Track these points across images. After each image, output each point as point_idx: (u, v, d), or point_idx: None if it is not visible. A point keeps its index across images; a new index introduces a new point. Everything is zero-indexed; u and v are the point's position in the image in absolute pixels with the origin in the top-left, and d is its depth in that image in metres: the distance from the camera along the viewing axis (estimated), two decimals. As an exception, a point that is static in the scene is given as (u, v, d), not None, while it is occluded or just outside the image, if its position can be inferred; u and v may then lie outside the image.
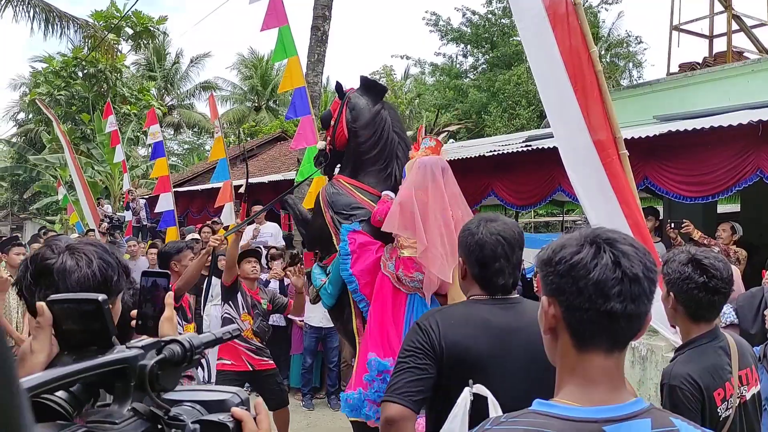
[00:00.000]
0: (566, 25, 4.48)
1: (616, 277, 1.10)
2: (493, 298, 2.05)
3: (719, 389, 2.19)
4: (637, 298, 1.11)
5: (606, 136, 4.46)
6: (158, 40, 27.80)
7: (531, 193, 7.66)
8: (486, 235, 2.02)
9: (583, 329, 1.14)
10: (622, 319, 1.11)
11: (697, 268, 2.21)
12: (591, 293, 1.10)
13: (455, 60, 30.82)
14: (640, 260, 1.12)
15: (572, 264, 1.12)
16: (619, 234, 1.18)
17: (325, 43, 10.75)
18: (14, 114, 26.87)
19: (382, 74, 32.13)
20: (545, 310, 1.19)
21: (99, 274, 1.48)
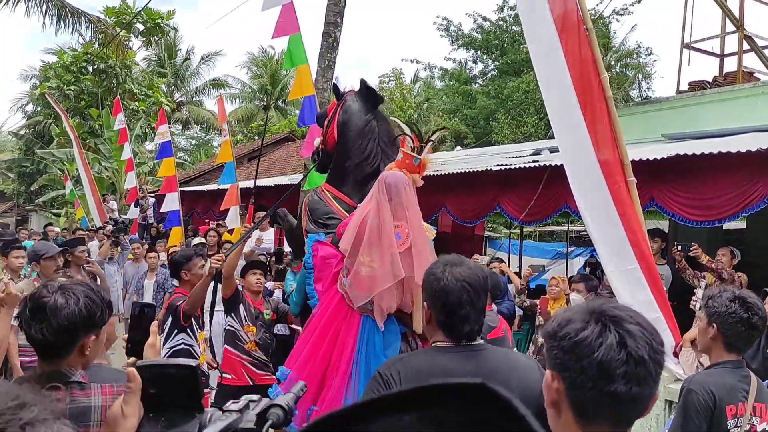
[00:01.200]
0: (578, 50, 4.50)
1: (620, 358, 1.08)
2: (457, 346, 2.01)
3: (732, 405, 2.53)
4: (642, 381, 1.10)
5: (614, 160, 4.47)
6: (169, 36, 27.86)
7: (537, 209, 7.65)
8: (451, 281, 1.98)
9: (586, 407, 1.13)
10: (626, 400, 1.10)
11: (743, 305, 2.54)
12: (595, 373, 1.09)
13: (465, 65, 30.84)
14: (647, 341, 1.11)
15: (577, 342, 1.11)
16: (627, 311, 1.16)
17: (336, 50, 10.76)
18: (23, 105, 26.98)
19: (392, 77, 32.17)
20: (548, 384, 1.18)
21: (85, 311, 1.76)
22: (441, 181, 9.02)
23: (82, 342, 1.79)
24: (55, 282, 1.85)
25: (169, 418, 1.07)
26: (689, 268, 6.27)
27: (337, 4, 10.73)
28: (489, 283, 2.12)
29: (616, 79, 26.38)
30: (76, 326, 1.75)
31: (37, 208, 26.32)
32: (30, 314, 1.78)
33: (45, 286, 1.84)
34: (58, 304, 1.75)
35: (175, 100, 31.48)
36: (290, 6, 7.70)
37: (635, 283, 4.39)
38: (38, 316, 1.76)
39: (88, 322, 1.78)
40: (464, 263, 2.07)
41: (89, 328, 1.79)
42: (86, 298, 1.79)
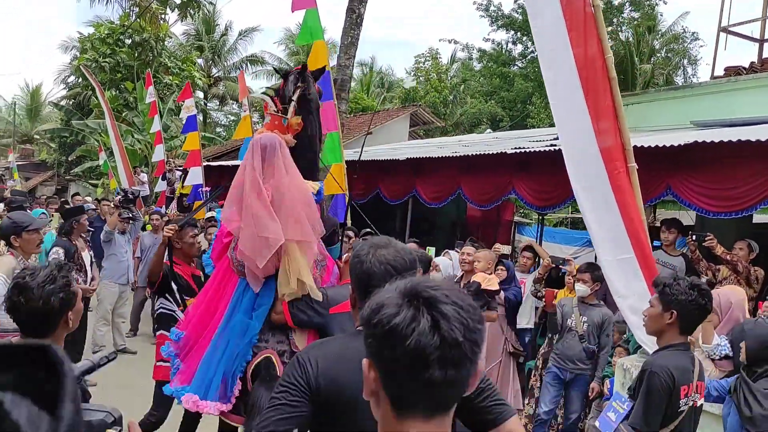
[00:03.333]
0: (582, 27, 4.30)
1: (434, 343, 1.01)
2: None
3: (684, 386, 2.77)
4: (458, 363, 1.03)
5: (615, 147, 4.28)
6: (207, 11, 28.01)
7: (551, 194, 7.46)
8: (375, 264, 1.89)
9: (402, 396, 1.06)
10: (443, 385, 1.03)
11: (700, 293, 2.78)
12: (409, 361, 1.01)
13: (504, 47, 30.30)
14: (462, 322, 1.03)
15: (389, 329, 1.03)
16: (443, 290, 1.07)
17: (360, 26, 10.64)
18: (65, 77, 27.56)
19: (428, 57, 31.79)
20: (366, 374, 1.11)
21: None
22: (457, 163, 8.88)
23: None
24: None
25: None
26: (703, 260, 6.03)
27: (362, -20, 10.59)
28: (417, 266, 2.00)
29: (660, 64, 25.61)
30: None
31: (75, 178, 26.94)
32: None
33: None
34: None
35: (212, 75, 31.73)
36: (308, -21, 7.60)
37: (631, 273, 4.22)
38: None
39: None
40: (391, 245, 1.97)
41: None
42: None
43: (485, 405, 1.87)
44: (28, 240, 4.36)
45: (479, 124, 28.90)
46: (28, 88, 40.96)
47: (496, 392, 1.91)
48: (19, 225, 4.34)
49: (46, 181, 30.91)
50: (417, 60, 32.35)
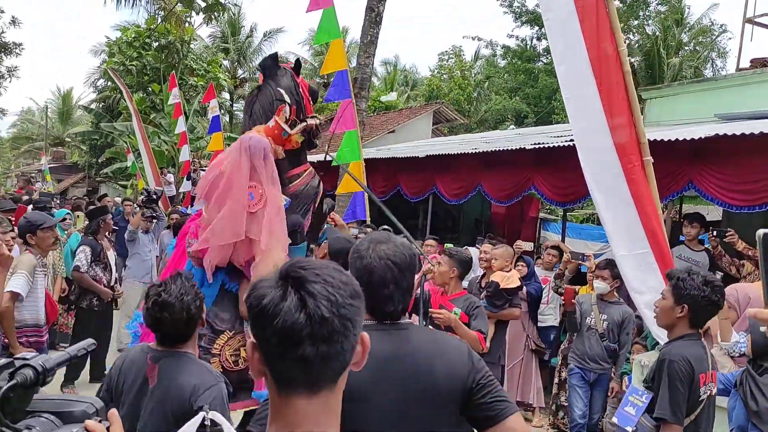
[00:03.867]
0: (595, 19, 4.25)
1: (301, 320, 1.04)
2: (379, 323, 1.93)
3: (702, 374, 2.80)
4: (329, 339, 1.05)
5: (629, 140, 4.23)
6: (232, 13, 28.27)
7: (571, 189, 7.39)
8: (375, 259, 1.91)
9: (281, 374, 1.08)
10: (317, 361, 1.06)
11: (713, 289, 2.81)
12: (279, 340, 1.04)
13: (528, 43, 30.06)
14: (329, 298, 1.06)
15: (260, 310, 1.06)
16: (315, 269, 1.10)
17: (379, 24, 10.64)
18: (95, 80, 28.06)
19: (451, 54, 31.66)
20: (250, 355, 1.12)
21: None
22: (477, 159, 8.85)
23: None
24: None
25: None
26: (725, 255, 5.93)
27: (381, -22, 10.58)
28: (416, 262, 2.01)
29: (689, 58, 25.16)
30: None
31: (106, 179, 27.41)
32: None
33: None
34: None
35: (238, 77, 32.02)
36: (324, -21, 7.62)
37: (647, 268, 4.16)
38: None
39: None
40: (390, 241, 1.98)
41: None
42: None
43: (486, 401, 1.87)
44: (43, 238, 4.63)
45: (504, 121, 28.72)
46: (59, 93, 41.83)
47: (497, 389, 1.91)
48: (33, 224, 4.63)
49: (78, 183, 31.52)
50: (440, 57, 32.26)
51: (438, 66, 32.38)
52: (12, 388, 1.01)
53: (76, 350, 1.22)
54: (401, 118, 19.62)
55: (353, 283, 1.14)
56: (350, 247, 2.23)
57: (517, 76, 29.65)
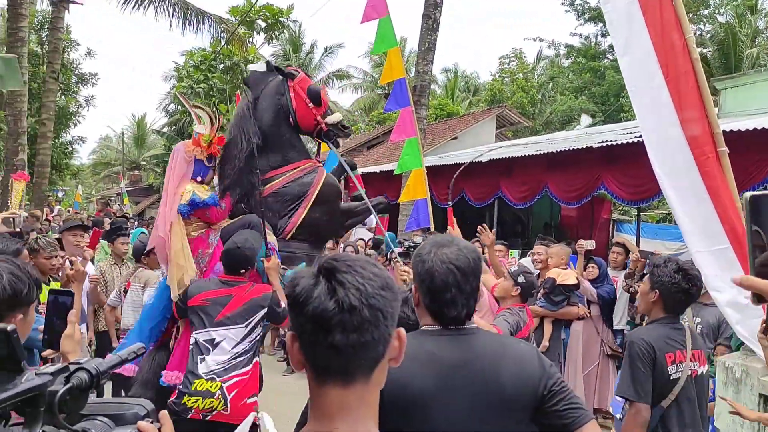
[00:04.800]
0: (658, 7, 4.06)
1: (332, 308, 1.07)
2: (444, 329, 1.88)
3: (669, 353, 2.90)
4: (359, 328, 1.08)
5: (702, 131, 3.99)
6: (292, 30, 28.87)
7: (643, 187, 7.11)
8: (436, 263, 1.86)
9: (316, 363, 1.12)
10: (349, 349, 1.08)
11: (685, 277, 2.93)
12: (312, 326, 1.09)
13: (593, 40, 29.36)
14: (358, 288, 1.09)
15: (294, 298, 1.11)
16: (347, 261, 1.14)
17: (436, 31, 10.59)
18: (166, 105, 29.23)
19: (512, 58, 31.26)
20: (290, 345, 1.16)
21: (9, 288, 1.63)
22: (542, 160, 8.65)
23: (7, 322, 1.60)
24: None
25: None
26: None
27: (436, -16, 10.54)
28: (481, 265, 1.94)
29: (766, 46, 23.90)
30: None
31: (179, 200, 28.41)
32: None
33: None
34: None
35: (301, 93, 32.57)
36: (379, -11, 7.63)
37: (727, 264, 3.90)
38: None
39: (12, 301, 1.64)
40: (453, 244, 1.93)
41: (14, 307, 1.65)
42: (10, 275, 1.66)
43: (559, 409, 1.81)
44: (153, 259, 5.26)
45: (570, 122, 28.09)
46: (134, 119, 43.77)
47: (571, 395, 1.84)
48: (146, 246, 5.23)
49: (153, 204, 32.83)
50: (501, 61, 31.91)
51: (499, 70, 32.03)
52: (69, 390, 1.04)
53: (127, 354, 1.24)
54: (463, 124, 19.48)
55: (385, 276, 1.15)
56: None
57: (583, 75, 28.99)
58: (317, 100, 4.43)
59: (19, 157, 12.77)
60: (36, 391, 1.01)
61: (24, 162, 12.98)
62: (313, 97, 4.41)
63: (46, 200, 16.90)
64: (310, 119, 4.44)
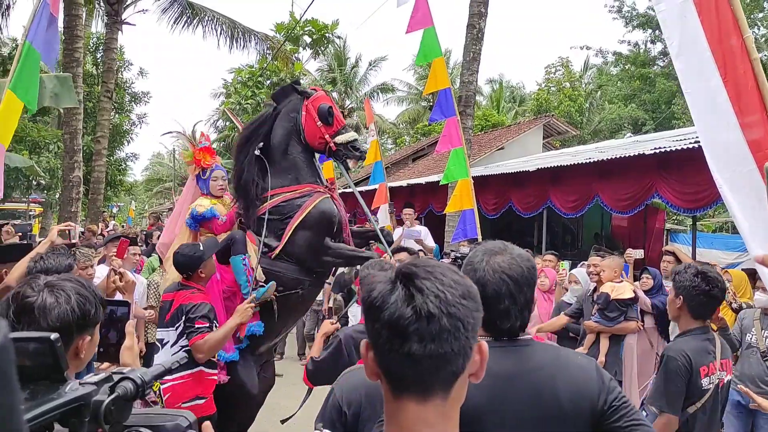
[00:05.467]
0: (714, 8, 3.92)
1: (410, 315, 1.02)
2: (496, 340, 1.79)
3: (704, 366, 2.95)
4: (437, 337, 1.02)
5: (763, 134, 3.82)
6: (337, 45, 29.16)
7: (700, 194, 6.86)
8: (488, 272, 1.77)
9: (392, 373, 1.06)
10: (425, 360, 1.02)
11: (704, 279, 2.98)
12: (388, 333, 1.03)
13: (642, 47, 28.75)
14: (438, 295, 1.03)
15: (370, 303, 1.07)
16: (427, 267, 1.08)
17: (481, 41, 10.52)
18: (215, 122, 29.87)
19: (558, 66, 30.85)
20: (364, 354, 1.11)
21: (78, 310, 1.56)
22: (592, 169, 8.45)
23: (75, 345, 1.57)
24: (39, 279, 1.62)
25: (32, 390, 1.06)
26: None
27: (481, -6, 10.48)
28: (535, 275, 1.86)
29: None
30: (69, 327, 1.53)
31: (227, 214, 28.92)
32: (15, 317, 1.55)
33: (29, 283, 1.61)
34: (47, 303, 1.54)
35: (346, 107, 32.87)
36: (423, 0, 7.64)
37: (794, 272, 3.71)
38: (24, 319, 1.54)
39: (81, 322, 1.57)
40: (506, 252, 1.84)
41: (83, 329, 1.59)
42: (78, 295, 1.58)
43: (621, 426, 1.71)
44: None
45: (620, 130, 27.54)
46: (185, 136, 44.81)
47: (633, 411, 1.75)
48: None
49: (204, 219, 33.52)
50: (547, 70, 31.53)
51: (545, 79, 31.65)
52: (114, 400, 1.02)
53: (170, 363, 1.22)
54: (509, 134, 19.28)
55: (467, 284, 1.10)
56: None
57: (632, 83, 28.40)
58: (326, 119, 4.38)
59: (75, 174, 13.15)
60: (80, 401, 1.00)
61: (80, 179, 13.35)
62: (322, 115, 4.37)
63: (101, 215, 17.36)
64: (318, 138, 4.40)
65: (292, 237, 4.26)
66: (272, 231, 4.30)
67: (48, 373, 1.05)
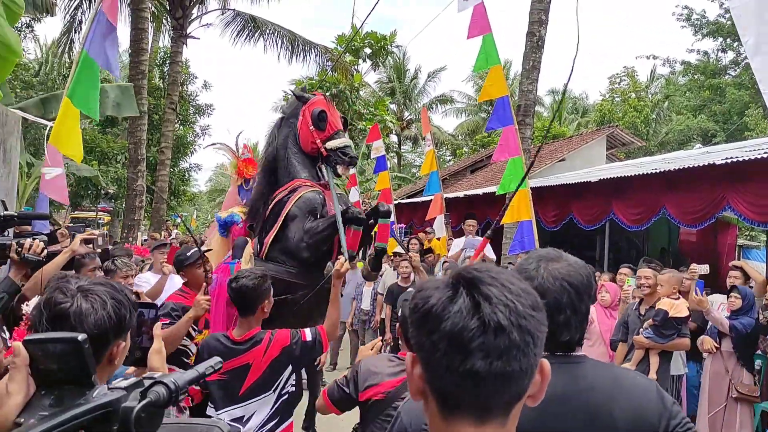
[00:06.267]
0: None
1: (474, 326, 0.88)
2: (551, 355, 1.63)
3: None
4: (505, 353, 0.89)
5: None
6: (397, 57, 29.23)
7: (777, 206, 6.42)
8: (548, 279, 1.63)
9: (446, 393, 0.93)
10: (489, 379, 0.89)
11: None
12: (446, 348, 0.90)
13: (712, 56, 27.67)
14: (508, 305, 0.90)
15: (424, 312, 0.92)
16: (491, 271, 0.95)
17: (541, 49, 10.25)
18: (276, 133, 30.40)
19: (623, 76, 30.03)
20: (410, 370, 0.98)
21: (114, 315, 1.50)
22: (659, 180, 8.07)
23: (109, 352, 1.51)
24: (70, 283, 1.55)
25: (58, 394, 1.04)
26: None
27: (541, 1, 10.25)
28: (593, 284, 1.71)
29: None
30: (105, 334, 1.48)
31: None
32: (48, 324, 1.49)
33: (60, 288, 1.54)
34: (83, 309, 1.48)
35: (405, 119, 32.88)
36: (481, 6, 7.48)
37: None
38: (59, 326, 1.47)
39: (118, 328, 1.52)
40: (563, 259, 1.71)
41: (119, 334, 1.53)
42: (113, 300, 1.52)
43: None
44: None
45: (688, 142, 26.52)
46: (247, 148, 45.82)
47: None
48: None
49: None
50: (612, 81, 30.74)
51: (609, 90, 30.85)
52: (145, 407, 0.95)
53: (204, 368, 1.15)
54: (571, 145, 18.80)
55: (534, 293, 0.97)
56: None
57: (701, 93, 27.35)
58: (318, 124, 4.39)
59: (138, 183, 13.54)
60: (108, 407, 0.94)
61: (143, 187, 13.74)
62: (314, 120, 4.38)
63: (164, 224, 17.81)
64: (310, 142, 4.42)
65: (281, 232, 4.23)
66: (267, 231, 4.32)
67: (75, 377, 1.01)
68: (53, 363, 1.05)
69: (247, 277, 3.16)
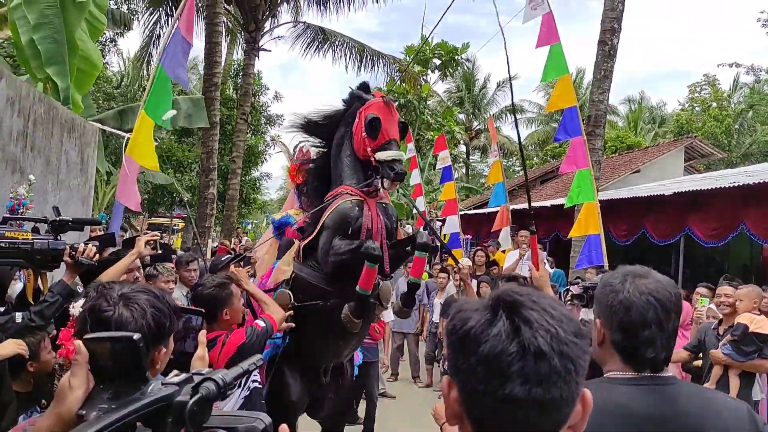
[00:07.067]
0: None
1: (514, 351, 0.86)
2: (639, 377, 1.59)
3: None
4: (545, 380, 0.86)
5: None
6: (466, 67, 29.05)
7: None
8: (634, 294, 1.59)
9: (482, 418, 0.90)
10: (527, 406, 0.86)
11: None
12: (484, 372, 0.88)
13: (802, 62, 26.20)
14: (549, 330, 0.87)
15: (462, 335, 0.91)
16: (532, 295, 0.92)
17: (614, 58, 9.97)
18: (342, 143, 30.74)
19: (704, 85, 28.79)
20: (446, 393, 0.96)
21: (153, 323, 1.56)
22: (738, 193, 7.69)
23: (151, 357, 1.55)
24: (113, 290, 1.62)
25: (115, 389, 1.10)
26: None
27: (614, 9, 9.99)
28: (681, 304, 1.67)
29: None
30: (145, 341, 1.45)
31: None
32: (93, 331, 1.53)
33: (103, 296, 1.61)
34: (124, 318, 1.54)
35: (473, 129, 32.61)
36: (549, 15, 7.34)
37: None
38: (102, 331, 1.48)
39: (157, 335, 1.57)
40: (650, 275, 1.67)
41: (158, 342, 1.58)
42: (153, 309, 1.58)
43: None
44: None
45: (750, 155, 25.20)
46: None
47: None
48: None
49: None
50: (691, 90, 29.53)
51: (689, 99, 29.65)
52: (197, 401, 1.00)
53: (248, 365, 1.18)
54: (647, 156, 18.16)
55: (577, 320, 0.94)
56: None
57: (788, 102, 25.90)
58: (370, 131, 4.00)
59: (210, 191, 13.93)
60: (164, 402, 1.00)
61: (214, 195, 14.12)
62: (366, 126, 4.00)
63: (234, 231, 18.26)
64: (363, 149, 4.06)
65: (316, 239, 4.04)
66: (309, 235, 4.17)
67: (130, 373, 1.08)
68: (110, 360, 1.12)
69: (205, 285, 3.18)
